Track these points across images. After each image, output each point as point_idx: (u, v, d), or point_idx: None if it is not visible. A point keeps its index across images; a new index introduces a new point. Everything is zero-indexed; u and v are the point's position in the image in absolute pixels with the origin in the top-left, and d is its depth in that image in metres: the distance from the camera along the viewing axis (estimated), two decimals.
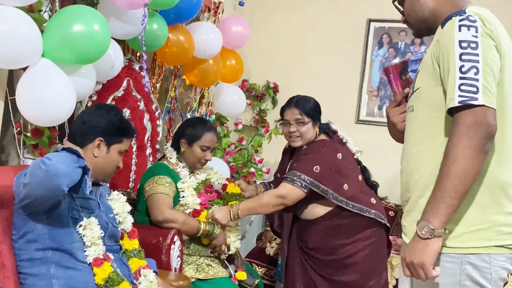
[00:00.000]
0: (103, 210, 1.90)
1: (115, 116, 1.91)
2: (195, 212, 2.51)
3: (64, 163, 1.52)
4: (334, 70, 4.55)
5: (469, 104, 1.31)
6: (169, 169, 2.57)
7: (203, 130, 2.61)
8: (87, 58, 1.99)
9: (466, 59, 1.34)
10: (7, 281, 1.64)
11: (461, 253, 1.40)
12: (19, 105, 1.90)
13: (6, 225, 1.69)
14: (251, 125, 4.66)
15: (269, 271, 3.66)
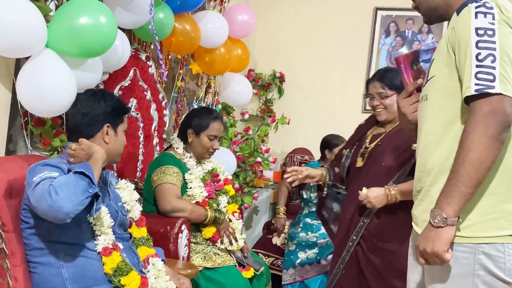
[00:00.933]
0: (113, 198, 1.91)
1: (112, 98, 1.92)
2: (202, 203, 2.52)
3: (70, 199, 1.54)
4: (341, 59, 4.54)
5: (486, 93, 1.29)
6: (176, 159, 2.57)
7: (210, 119, 2.61)
8: (92, 51, 1.99)
9: (483, 47, 1.31)
10: (17, 270, 1.66)
11: (475, 242, 1.38)
12: (19, 94, 1.90)
13: (15, 214, 1.70)
14: (258, 115, 4.66)
15: (276, 260, 3.68)
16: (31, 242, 1.71)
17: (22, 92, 1.89)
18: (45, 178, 1.61)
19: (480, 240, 1.38)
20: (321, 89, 4.60)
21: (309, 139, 4.45)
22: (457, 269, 1.40)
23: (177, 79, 3.32)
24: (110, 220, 1.78)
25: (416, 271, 1.59)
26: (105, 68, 2.21)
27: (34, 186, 1.59)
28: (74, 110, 1.89)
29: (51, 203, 1.52)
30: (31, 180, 1.63)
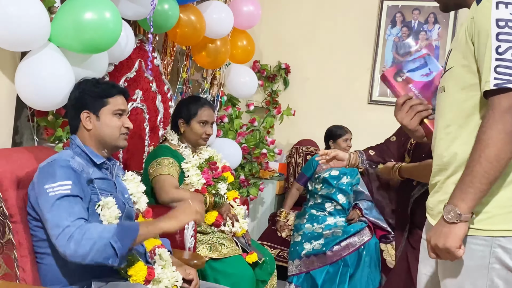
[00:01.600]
0: (119, 190, 1.91)
1: (86, 84, 1.88)
2: (201, 190, 2.53)
3: (86, 257, 1.57)
4: (346, 50, 4.51)
5: (505, 88, 1.26)
6: (171, 150, 2.59)
7: (198, 106, 2.64)
8: (96, 48, 1.98)
9: (504, 39, 1.27)
10: (24, 260, 1.67)
11: (491, 235, 1.35)
12: (17, 86, 1.90)
13: (21, 205, 1.71)
14: (263, 106, 4.65)
15: (282, 252, 3.68)
16: (37, 234, 1.72)
17: (21, 85, 1.89)
18: (59, 194, 1.62)
19: (497, 234, 1.35)
20: (326, 80, 4.59)
21: (314, 131, 4.44)
22: (471, 262, 1.38)
23: (182, 71, 3.31)
24: (118, 212, 1.78)
25: (428, 263, 1.57)
26: (110, 59, 2.21)
27: (50, 206, 1.61)
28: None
29: (73, 250, 1.56)
30: (43, 188, 1.64)
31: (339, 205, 3.63)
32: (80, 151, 1.82)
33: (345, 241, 3.36)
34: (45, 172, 1.68)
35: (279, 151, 4.32)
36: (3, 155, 1.72)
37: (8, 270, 1.57)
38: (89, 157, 1.82)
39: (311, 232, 3.48)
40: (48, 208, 1.62)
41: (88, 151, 1.82)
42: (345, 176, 3.66)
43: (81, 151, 1.82)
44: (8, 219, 1.63)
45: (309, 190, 3.80)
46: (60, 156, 1.75)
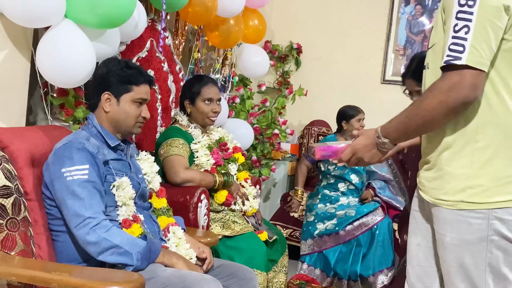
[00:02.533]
0: (134, 170, 1.92)
1: (116, 65, 1.85)
2: (211, 170, 2.54)
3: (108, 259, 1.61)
4: (359, 29, 4.46)
5: (453, 64, 1.31)
6: (181, 131, 2.58)
7: (201, 85, 2.62)
8: (111, 22, 1.97)
9: (461, 18, 1.31)
10: (40, 237, 1.68)
11: (488, 208, 1.39)
12: (39, 65, 1.89)
13: (36, 183, 1.72)
14: (275, 87, 4.62)
15: (294, 232, 3.69)
16: (52, 212, 1.73)
17: (42, 62, 1.88)
18: (78, 180, 1.63)
19: (494, 206, 1.38)
20: (339, 60, 4.54)
21: (327, 111, 4.42)
22: (470, 236, 1.41)
23: (193, 51, 3.30)
24: (132, 192, 1.79)
25: (420, 234, 1.61)
26: (122, 38, 2.20)
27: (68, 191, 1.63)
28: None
29: (86, 245, 1.61)
30: (59, 171, 1.64)
31: (352, 185, 3.62)
32: (96, 132, 1.82)
33: (358, 220, 3.36)
34: (61, 155, 1.68)
35: (291, 132, 4.31)
36: (17, 134, 1.73)
37: (24, 247, 1.59)
38: (104, 139, 1.82)
39: (324, 212, 3.48)
40: (66, 193, 1.64)
41: (103, 132, 1.82)
42: None
43: (96, 132, 1.82)
44: (23, 197, 1.64)
45: (322, 171, 3.79)
46: (75, 137, 1.74)
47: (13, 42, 1.93)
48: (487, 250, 1.40)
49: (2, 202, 1.53)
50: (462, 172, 1.41)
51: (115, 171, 1.77)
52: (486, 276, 1.41)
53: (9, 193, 1.55)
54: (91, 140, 1.75)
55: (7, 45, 1.92)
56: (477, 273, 1.41)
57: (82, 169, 1.65)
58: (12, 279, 1.53)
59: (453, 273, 1.45)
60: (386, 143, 1.49)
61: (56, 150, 1.71)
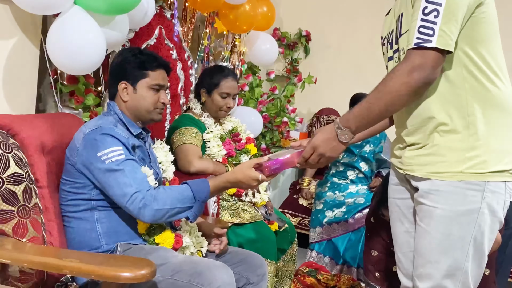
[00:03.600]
0: (152, 159, 1.92)
1: (128, 53, 1.84)
2: (222, 161, 2.53)
3: (170, 219, 1.66)
4: (369, 15, 4.41)
5: (423, 47, 1.35)
6: (194, 120, 2.57)
7: (221, 77, 2.59)
8: (120, 8, 1.96)
9: (430, 1, 1.36)
10: (51, 224, 1.69)
11: (484, 180, 1.43)
12: (50, 52, 1.89)
13: (47, 170, 1.72)
14: (283, 75, 4.60)
15: (303, 220, 3.69)
16: (67, 198, 1.73)
17: (52, 50, 1.88)
18: (116, 161, 1.63)
19: (489, 177, 1.43)
20: (348, 47, 4.51)
21: (336, 99, 4.39)
22: (463, 207, 1.45)
23: (202, 38, 3.28)
24: (154, 182, 1.78)
25: (405, 221, 1.64)
26: (130, 25, 2.18)
27: (110, 173, 1.63)
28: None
29: (143, 218, 1.63)
30: (95, 156, 1.64)
31: (361, 173, 3.61)
32: (118, 119, 1.81)
33: (367, 208, 3.35)
34: (92, 140, 1.67)
35: (300, 120, 4.29)
36: (27, 121, 1.73)
37: (35, 234, 1.59)
38: (126, 127, 1.82)
39: (333, 200, 3.48)
40: (108, 176, 1.63)
41: (126, 120, 1.82)
42: (368, 144, 3.62)
43: (119, 119, 1.81)
44: (34, 184, 1.65)
45: None
46: (104, 122, 1.73)
47: (22, 29, 1.93)
48: (476, 223, 1.44)
49: (13, 189, 1.53)
50: (459, 145, 1.44)
51: (138, 159, 1.77)
52: (468, 249, 1.46)
53: (20, 180, 1.56)
54: (118, 126, 1.75)
55: (16, 33, 1.91)
56: (461, 245, 1.46)
57: (117, 150, 1.65)
58: (24, 265, 1.54)
59: (435, 246, 1.48)
60: (346, 133, 1.49)
61: (85, 135, 1.69)
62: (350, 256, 3.30)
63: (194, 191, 1.67)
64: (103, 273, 1.39)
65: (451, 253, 1.47)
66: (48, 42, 1.87)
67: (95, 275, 1.39)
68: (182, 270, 1.60)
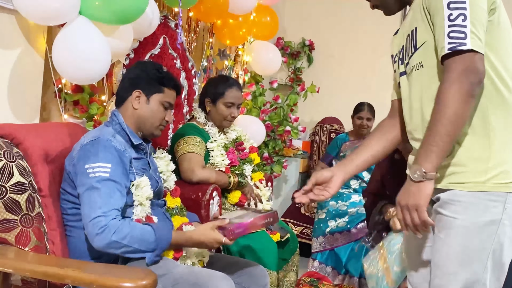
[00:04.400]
0: (153, 169, 1.93)
1: (152, 67, 1.89)
2: (225, 171, 2.54)
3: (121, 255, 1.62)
4: (371, 25, 4.43)
5: (459, 50, 1.34)
6: (198, 129, 2.58)
7: (226, 87, 2.60)
8: (125, 18, 1.98)
9: (454, 7, 1.37)
10: (54, 233, 1.70)
11: (506, 191, 1.41)
12: (55, 62, 1.90)
13: (50, 179, 1.73)
14: (286, 84, 4.61)
15: (305, 229, 3.69)
16: (68, 208, 1.74)
17: (58, 60, 1.89)
18: (99, 177, 1.64)
19: (511, 189, 1.41)
20: (351, 57, 4.52)
21: (339, 108, 4.40)
22: (483, 218, 1.41)
23: (206, 47, 3.30)
24: (150, 192, 1.79)
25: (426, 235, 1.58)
26: (135, 35, 2.20)
27: (87, 188, 1.64)
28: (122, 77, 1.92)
29: (94, 244, 1.61)
30: (83, 167, 1.66)
31: (364, 182, 3.61)
32: (120, 129, 1.82)
33: None
34: (87, 151, 1.69)
35: (303, 129, 4.30)
36: (32, 130, 1.74)
37: (38, 243, 1.60)
38: (128, 137, 1.83)
39: (336, 210, 3.47)
40: (85, 189, 1.65)
41: (128, 130, 1.83)
42: None
43: (121, 129, 1.82)
44: (37, 193, 1.66)
45: None
46: (102, 133, 1.75)
47: (27, 39, 1.95)
48: (496, 235, 1.41)
49: (16, 198, 1.54)
50: (480, 154, 1.42)
51: (136, 170, 1.78)
52: (487, 261, 1.42)
53: (23, 189, 1.57)
54: (117, 137, 1.77)
55: (21, 42, 1.93)
56: (480, 257, 1.43)
57: (104, 166, 1.66)
58: (26, 274, 1.54)
59: (453, 257, 1.45)
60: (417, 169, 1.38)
61: (82, 146, 1.71)
62: (353, 266, 3.29)
63: (157, 237, 1.66)
64: (104, 283, 1.39)
65: (469, 265, 1.43)
66: (53, 52, 1.89)
67: (97, 285, 1.40)
68: (183, 281, 1.61)
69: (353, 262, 3.29)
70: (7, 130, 1.65)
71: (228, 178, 2.50)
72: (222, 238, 1.70)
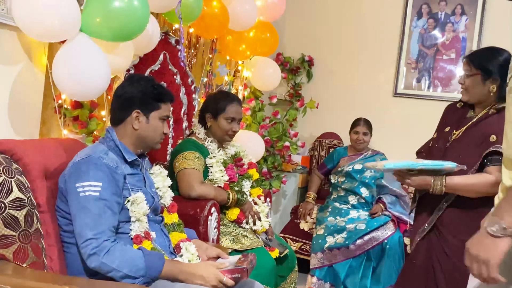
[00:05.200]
0: (148, 184, 1.93)
1: (147, 83, 1.87)
2: (224, 187, 2.54)
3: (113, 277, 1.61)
4: (371, 42, 4.46)
5: None
6: (197, 144, 2.59)
7: (226, 102, 2.62)
8: (126, 35, 2.00)
9: None
10: (52, 249, 1.69)
11: None
12: (55, 78, 1.91)
13: (49, 195, 1.73)
14: (286, 99, 4.63)
15: (304, 245, 3.67)
16: (63, 224, 1.74)
17: (58, 76, 1.90)
18: (89, 196, 1.64)
19: None
20: (350, 73, 4.55)
21: (338, 124, 4.42)
22: None
23: (206, 63, 3.32)
24: (146, 207, 1.79)
25: None
26: (135, 51, 2.22)
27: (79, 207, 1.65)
28: (114, 93, 1.91)
29: (90, 264, 1.62)
30: (73, 185, 1.66)
31: (362, 198, 3.61)
32: (113, 146, 1.82)
33: (369, 235, 3.34)
34: (78, 169, 1.69)
35: (302, 144, 4.31)
36: (31, 146, 1.75)
37: (36, 259, 1.60)
38: (121, 154, 1.83)
39: (334, 226, 3.47)
40: (77, 209, 1.65)
41: (121, 147, 1.83)
42: (369, 170, 3.63)
43: (114, 146, 1.82)
44: (36, 209, 1.66)
45: (332, 183, 3.79)
46: (94, 151, 1.75)
47: (28, 55, 1.97)
48: None
49: (15, 214, 1.54)
50: None
51: (130, 186, 1.78)
52: None
53: (22, 205, 1.57)
54: (109, 155, 1.76)
55: (22, 58, 1.95)
56: None
57: (95, 185, 1.66)
58: None
59: None
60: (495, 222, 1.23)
61: (74, 164, 1.72)
62: (351, 283, 3.28)
63: (147, 265, 1.64)
64: None
65: None
66: (54, 69, 1.90)
67: None
68: None
69: (351, 279, 3.28)
70: (6, 145, 1.65)
71: (227, 195, 2.50)
72: (223, 277, 1.69)
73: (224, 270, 1.72)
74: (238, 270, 1.74)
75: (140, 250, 1.68)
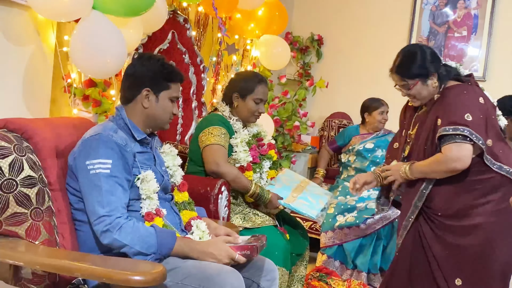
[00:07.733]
0: (158, 163, 1.93)
1: (157, 62, 1.86)
2: (247, 167, 2.52)
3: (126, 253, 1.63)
4: (381, 20, 4.41)
5: None
6: (224, 120, 2.55)
7: (255, 83, 2.58)
8: (137, 9, 1.99)
9: None
10: (64, 227, 1.71)
11: None
12: (73, 57, 1.92)
13: (60, 173, 1.74)
14: (295, 79, 4.60)
15: (314, 224, 3.68)
16: (74, 202, 1.75)
17: (76, 54, 1.90)
18: (99, 173, 1.65)
19: None
20: (360, 51, 4.50)
21: (348, 103, 4.39)
22: None
23: (214, 42, 3.30)
24: (156, 185, 1.80)
25: None
26: (144, 30, 2.21)
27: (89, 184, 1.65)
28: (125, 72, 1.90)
29: (103, 241, 1.63)
30: (84, 163, 1.67)
31: None
32: (123, 124, 1.82)
33: (378, 214, 3.33)
34: (87, 146, 1.70)
35: (312, 124, 4.29)
36: (41, 125, 1.75)
37: (48, 236, 1.61)
38: (130, 132, 1.83)
39: (344, 205, 3.47)
40: (88, 187, 1.66)
41: (131, 125, 1.83)
42: (380, 149, 3.61)
43: (124, 124, 1.82)
44: (47, 187, 1.66)
45: (342, 162, 3.78)
46: (103, 129, 1.75)
47: (37, 34, 1.96)
48: None
49: (26, 192, 1.55)
50: None
51: (140, 164, 1.79)
52: None
53: (33, 183, 1.58)
54: (119, 133, 1.76)
55: (32, 37, 1.95)
56: None
57: (105, 163, 1.66)
58: (36, 267, 1.55)
59: None
60: None
61: (84, 141, 1.72)
62: (361, 261, 3.28)
63: (159, 242, 1.65)
64: (114, 276, 1.40)
65: None
66: (71, 47, 1.91)
67: (106, 278, 1.41)
68: (192, 275, 1.61)
69: (361, 257, 3.28)
70: (17, 124, 1.66)
71: (249, 184, 2.47)
72: (235, 254, 1.70)
73: (234, 246, 1.73)
74: (247, 247, 1.74)
75: (152, 227, 1.69)
